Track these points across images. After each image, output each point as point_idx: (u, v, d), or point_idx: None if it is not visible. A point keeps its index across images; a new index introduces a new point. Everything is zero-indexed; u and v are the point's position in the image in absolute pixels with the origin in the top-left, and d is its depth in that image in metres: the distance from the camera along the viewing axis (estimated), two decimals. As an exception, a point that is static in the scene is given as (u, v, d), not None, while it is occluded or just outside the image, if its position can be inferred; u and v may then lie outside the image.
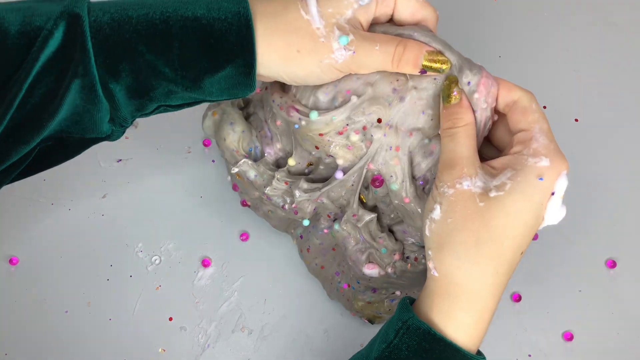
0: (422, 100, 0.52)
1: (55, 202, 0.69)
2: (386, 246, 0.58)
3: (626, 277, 0.66)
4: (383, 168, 0.54)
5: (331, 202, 0.58)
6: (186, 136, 0.70)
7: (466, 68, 0.52)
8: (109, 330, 0.65)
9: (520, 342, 0.64)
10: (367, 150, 0.54)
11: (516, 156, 0.48)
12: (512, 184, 0.47)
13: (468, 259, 0.47)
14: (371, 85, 0.52)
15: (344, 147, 0.54)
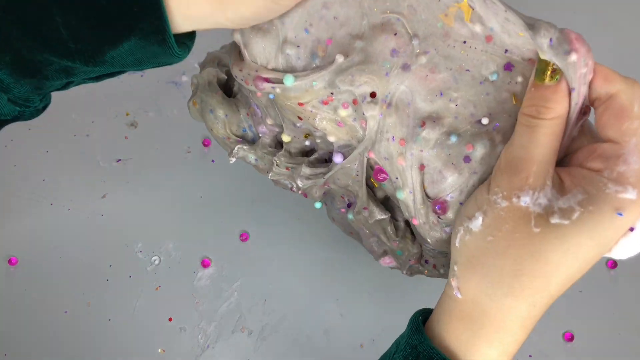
0: (440, 73, 0.38)
1: (54, 202, 0.69)
2: (402, 249, 0.48)
3: (626, 277, 0.66)
4: (386, 164, 0.42)
5: (340, 188, 0.47)
6: (186, 136, 0.70)
7: (540, 26, 0.38)
8: (108, 331, 0.65)
9: (521, 343, 0.65)
10: (364, 134, 0.41)
11: (593, 175, 0.37)
12: (581, 214, 0.36)
13: (502, 288, 0.38)
14: (360, 38, 0.39)
15: (333, 122, 0.42)
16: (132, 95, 0.72)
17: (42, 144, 0.70)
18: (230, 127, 0.50)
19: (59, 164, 0.70)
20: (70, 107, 0.71)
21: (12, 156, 0.70)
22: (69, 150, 0.70)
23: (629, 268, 0.66)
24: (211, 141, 0.70)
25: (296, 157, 0.48)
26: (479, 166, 0.39)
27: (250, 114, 0.49)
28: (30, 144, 0.70)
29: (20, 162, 0.70)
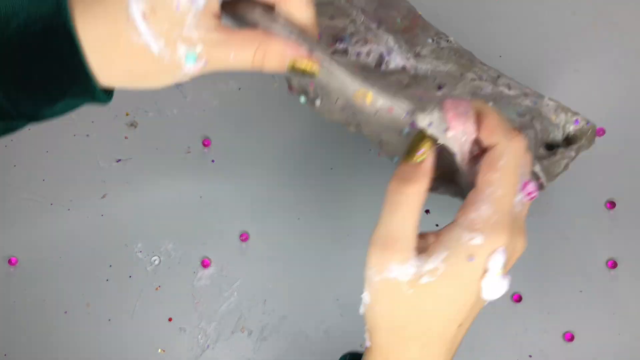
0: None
1: (54, 202, 0.69)
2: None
3: (626, 277, 0.66)
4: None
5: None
6: (186, 136, 0.70)
7: (418, 110, 0.44)
8: (108, 331, 0.65)
9: (521, 342, 0.64)
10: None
11: (454, 228, 0.42)
12: (444, 268, 0.41)
13: (395, 337, 0.43)
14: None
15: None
16: (132, 95, 0.72)
17: (42, 144, 0.70)
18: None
19: (59, 164, 0.70)
20: (70, 107, 0.71)
21: (12, 156, 0.70)
22: (69, 151, 0.70)
23: (628, 268, 0.66)
24: (211, 141, 0.70)
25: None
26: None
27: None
28: (30, 144, 0.70)
29: (20, 162, 0.70)
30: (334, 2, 0.60)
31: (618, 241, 0.67)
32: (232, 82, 0.72)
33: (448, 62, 0.60)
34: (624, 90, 0.71)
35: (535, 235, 0.67)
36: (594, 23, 0.73)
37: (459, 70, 0.60)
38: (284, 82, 0.72)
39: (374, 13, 0.61)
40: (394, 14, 0.62)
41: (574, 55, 0.72)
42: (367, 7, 0.60)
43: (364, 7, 0.60)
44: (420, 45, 0.61)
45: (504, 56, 0.72)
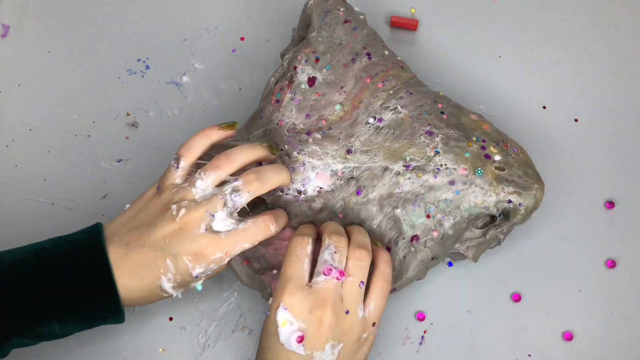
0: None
1: (55, 202, 0.69)
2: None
3: (626, 277, 0.66)
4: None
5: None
6: (186, 136, 0.70)
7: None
8: (109, 331, 0.65)
9: (520, 342, 0.65)
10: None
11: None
12: (265, 320, 0.57)
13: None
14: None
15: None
16: (132, 95, 0.72)
17: (43, 144, 0.71)
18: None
19: (60, 164, 0.70)
20: (71, 107, 0.72)
21: (13, 156, 0.70)
22: (69, 151, 0.70)
23: (627, 268, 0.66)
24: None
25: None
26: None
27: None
28: (31, 144, 0.71)
29: (21, 163, 0.70)
30: (266, 132, 0.63)
31: (617, 241, 0.67)
32: (232, 82, 0.72)
33: (379, 152, 0.62)
34: (623, 90, 0.71)
35: (534, 235, 0.67)
36: (593, 23, 0.73)
37: (386, 161, 0.62)
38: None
39: (313, 105, 0.64)
40: (335, 98, 0.64)
41: (574, 55, 0.72)
42: (305, 104, 0.64)
43: (303, 107, 0.64)
44: (355, 135, 0.62)
45: (503, 56, 0.73)
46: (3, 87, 0.72)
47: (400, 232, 0.61)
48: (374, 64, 0.64)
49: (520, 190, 0.60)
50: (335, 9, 0.66)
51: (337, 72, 0.64)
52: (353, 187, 0.62)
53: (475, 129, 0.63)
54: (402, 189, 0.61)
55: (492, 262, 0.66)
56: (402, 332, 0.65)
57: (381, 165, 0.62)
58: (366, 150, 0.62)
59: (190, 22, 0.74)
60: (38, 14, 0.75)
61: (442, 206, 0.61)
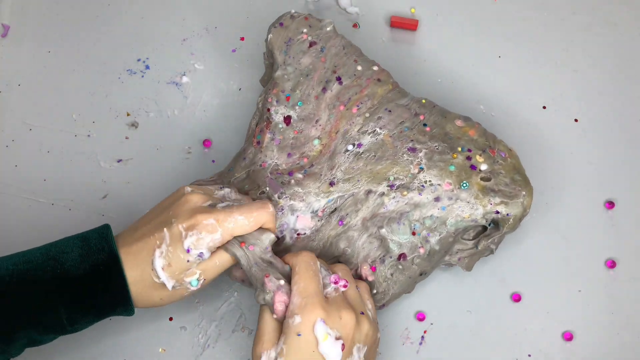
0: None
1: (55, 202, 0.69)
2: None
3: (626, 277, 0.66)
4: None
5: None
6: (186, 136, 0.71)
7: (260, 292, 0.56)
8: (109, 330, 0.65)
9: (520, 342, 0.65)
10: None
11: (286, 319, 0.55)
12: (286, 348, 0.54)
13: None
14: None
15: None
16: (132, 95, 0.72)
17: (43, 144, 0.71)
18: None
19: (60, 164, 0.70)
20: (71, 107, 0.72)
21: (13, 156, 0.70)
22: (69, 151, 0.70)
23: (627, 268, 0.66)
24: (211, 142, 0.70)
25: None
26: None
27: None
28: (31, 144, 0.71)
29: (21, 163, 0.70)
30: (249, 173, 0.63)
31: (617, 241, 0.67)
32: (232, 82, 0.72)
33: (362, 177, 0.62)
34: (623, 90, 0.71)
35: (534, 235, 0.67)
36: (593, 23, 0.73)
37: (370, 184, 0.61)
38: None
39: (293, 144, 0.63)
40: (313, 133, 0.63)
41: (574, 55, 0.72)
42: (285, 143, 0.63)
43: (286, 142, 0.64)
44: (336, 166, 0.62)
45: (503, 56, 0.73)
46: (3, 87, 0.72)
47: (387, 250, 0.61)
48: (346, 88, 0.64)
49: (507, 200, 0.60)
50: (297, 33, 0.65)
51: (309, 106, 0.64)
52: (335, 220, 0.61)
53: (461, 137, 0.62)
54: (387, 209, 0.61)
55: (492, 262, 0.66)
56: (402, 332, 0.65)
57: (365, 189, 0.61)
58: (348, 178, 0.62)
59: (190, 22, 0.74)
60: (38, 14, 0.75)
61: (427, 223, 0.61)
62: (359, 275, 0.61)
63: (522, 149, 0.69)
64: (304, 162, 0.63)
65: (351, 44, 0.66)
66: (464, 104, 0.71)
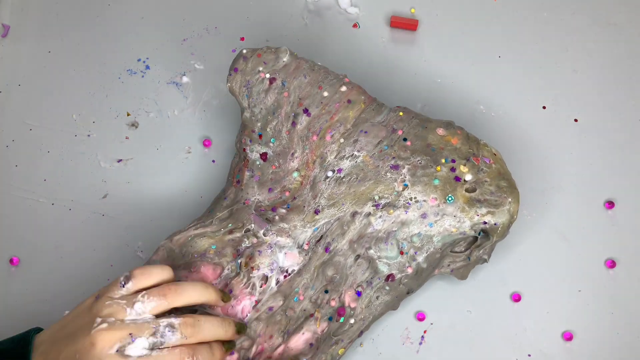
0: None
1: (55, 202, 0.69)
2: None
3: (626, 277, 0.66)
4: None
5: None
6: (186, 136, 0.71)
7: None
8: (109, 330, 0.65)
9: (520, 342, 0.65)
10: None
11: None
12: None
13: None
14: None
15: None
16: (132, 95, 0.72)
17: (43, 144, 0.71)
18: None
19: (60, 164, 0.70)
20: (71, 107, 0.72)
21: (14, 156, 0.70)
22: (70, 151, 0.70)
23: (627, 268, 0.66)
24: (211, 142, 0.70)
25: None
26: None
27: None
28: (32, 144, 0.71)
29: (21, 163, 0.70)
30: (232, 212, 0.62)
31: (617, 241, 0.67)
32: (232, 83, 0.72)
33: (346, 200, 0.61)
34: (623, 90, 0.71)
35: (534, 235, 0.67)
36: (593, 23, 0.73)
37: (355, 206, 0.61)
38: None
39: (273, 178, 0.63)
40: (291, 166, 0.63)
41: (574, 55, 0.72)
42: (265, 178, 0.63)
43: (266, 180, 0.63)
44: (319, 194, 0.62)
45: (503, 56, 0.73)
46: (3, 87, 0.72)
47: (376, 271, 0.61)
48: (315, 118, 0.63)
49: (493, 209, 0.60)
50: (254, 73, 0.64)
51: (282, 141, 0.63)
52: (321, 248, 0.61)
53: (444, 147, 0.62)
54: (374, 228, 0.61)
55: (492, 262, 0.66)
56: (402, 332, 0.65)
57: (350, 211, 0.61)
58: (333, 203, 0.61)
59: (190, 22, 0.74)
60: (38, 14, 0.75)
61: (415, 240, 0.60)
62: (342, 302, 0.60)
63: (522, 149, 0.69)
64: (286, 196, 0.62)
65: (314, 66, 0.64)
66: (464, 104, 0.71)
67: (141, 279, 0.55)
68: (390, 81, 0.72)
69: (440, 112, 0.70)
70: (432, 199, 0.60)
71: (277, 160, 0.63)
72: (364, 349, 0.64)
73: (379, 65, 0.72)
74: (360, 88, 0.64)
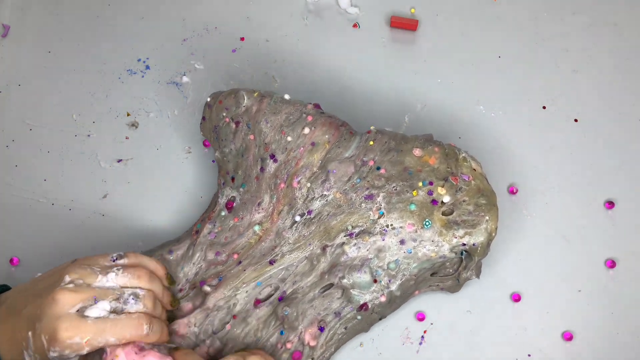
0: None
1: (55, 202, 0.69)
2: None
3: (626, 277, 0.66)
4: None
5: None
6: (186, 136, 0.71)
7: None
8: (109, 330, 0.65)
9: (520, 342, 0.65)
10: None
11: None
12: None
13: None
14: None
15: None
16: (132, 95, 0.72)
17: (43, 144, 0.71)
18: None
19: (60, 164, 0.70)
20: (71, 107, 0.72)
21: (14, 156, 0.70)
22: (70, 151, 0.70)
23: (627, 268, 0.66)
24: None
25: None
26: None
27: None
28: (32, 144, 0.71)
29: (21, 163, 0.70)
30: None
31: (617, 241, 0.67)
32: (232, 82, 0.72)
33: (314, 239, 0.60)
34: (623, 90, 0.71)
35: (534, 235, 0.67)
36: (593, 23, 0.73)
37: (325, 240, 0.60)
38: (284, 81, 0.72)
39: (228, 238, 0.62)
40: (255, 218, 0.62)
41: (574, 55, 0.72)
42: (221, 236, 0.62)
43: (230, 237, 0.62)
44: (280, 244, 0.61)
45: (503, 56, 0.73)
46: (3, 87, 0.72)
47: (350, 301, 0.60)
48: (282, 165, 0.61)
49: (470, 230, 0.59)
50: (219, 119, 0.63)
51: (252, 187, 0.62)
52: (274, 299, 0.60)
53: (422, 170, 0.60)
54: (348, 257, 0.60)
55: (492, 262, 0.66)
56: (402, 332, 0.65)
57: (320, 246, 0.60)
58: (298, 246, 0.61)
59: (190, 22, 0.74)
60: (38, 14, 0.75)
61: (392, 267, 0.59)
62: (301, 341, 0.60)
63: (521, 149, 0.69)
64: (233, 259, 0.62)
65: (275, 106, 0.62)
66: (464, 104, 0.71)
67: (132, 262, 0.57)
68: (390, 81, 0.72)
69: (440, 112, 0.70)
70: (409, 225, 0.59)
71: (241, 211, 0.62)
72: (364, 349, 0.64)
73: (379, 65, 0.72)
74: (324, 125, 0.62)
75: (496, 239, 0.65)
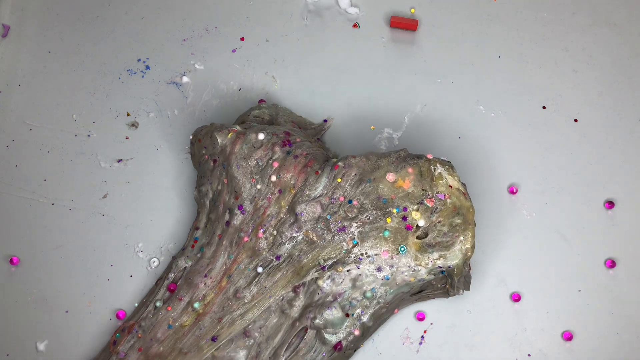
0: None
1: (55, 202, 0.69)
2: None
3: (626, 277, 0.66)
4: None
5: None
6: (186, 136, 0.71)
7: None
8: (109, 330, 0.65)
9: (520, 342, 0.65)
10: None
11: None
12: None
13: None
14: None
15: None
16: (132, 95, 0.72)
17: (43, 144, 0.71)
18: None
19: (60, 164, 0.70)
20: (71, 107, 0.72)
21: (14, 156, 0.70)
22: (70, 151, 0.70)
23: (627, 268, 0.66)
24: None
25: None
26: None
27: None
28: (32, 144, 0.71)
29: (21, 162, 0.70)
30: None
31: (617, 241, 0.67)
32: (232, 82, 0.72)
33: (278, 284, 0.59)
34: (623, 90, 0.71)
35: (534, 235, 0.67)
36: (593, 23, 0.73)
37: (295, 281, 0.59)
38: (284, 81, 0.72)
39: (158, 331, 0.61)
40: (197, 292, 0.61)
41: (574, 55, 0.72)
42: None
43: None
44: (230, 313, 0.60)
45: (503, 56, 0.73)
46: (3, 87, 0.72)
47: (324, 342, 0.59)
48: (249, 216, 0.60)
49: (444, 252, 0.58)
50: (200, 155, 0.63)
51: (209, 251, 0.61)
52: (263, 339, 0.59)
53: (396, 196, 0.59)
54: (323, 292, 0.58)
55: (492, 262, 0.66)
56: (402, 332, 0.65)
57: (290, 289, 0.59)
58: (257, 302, 0.59)
59: (190, 22, 0.74)
60: (38, 14, 0.75)
61: (368, 296, 0.58)
62: None
63: (521, 149, 0.69)
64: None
65: (247, 151, 0.61)
66: (464, 104, 0.71)
67: None
68: (390, 81, 0.72)
69: (440, 112, 0.70)
70: (384, 252, 0.58)
71: (182, 292, 0.61)
72: (364, 349, 0.64)
73: (379, 65, 0.72)
74: (288, 171, 0.60)
75: (496, 239, 0.65)
